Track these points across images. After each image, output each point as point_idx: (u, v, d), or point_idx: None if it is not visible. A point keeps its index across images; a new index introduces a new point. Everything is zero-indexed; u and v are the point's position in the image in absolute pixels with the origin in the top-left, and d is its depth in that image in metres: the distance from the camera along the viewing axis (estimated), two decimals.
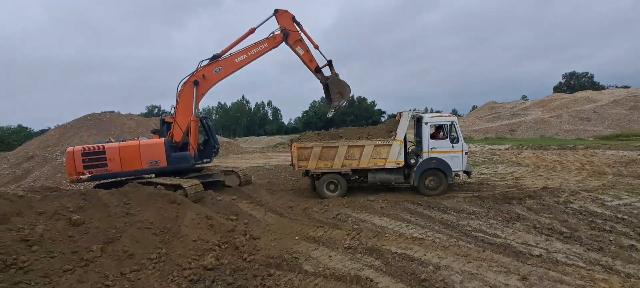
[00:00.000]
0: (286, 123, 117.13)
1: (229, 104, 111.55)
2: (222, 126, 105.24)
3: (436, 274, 5.12)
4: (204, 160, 11.79)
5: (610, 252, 5.74)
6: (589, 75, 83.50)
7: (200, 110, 13.78)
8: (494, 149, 23.92)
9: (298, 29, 11.02)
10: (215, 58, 10.78)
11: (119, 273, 4.93)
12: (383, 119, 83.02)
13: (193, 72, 10.62)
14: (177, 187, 8.80)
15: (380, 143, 10.34)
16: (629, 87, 50.66)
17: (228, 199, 9.43)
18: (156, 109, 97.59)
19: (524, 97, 67.48)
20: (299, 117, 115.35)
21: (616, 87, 58.27)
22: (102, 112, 28.69)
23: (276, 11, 11.01)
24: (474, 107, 67.72)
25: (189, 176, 10.55)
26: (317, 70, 11.16)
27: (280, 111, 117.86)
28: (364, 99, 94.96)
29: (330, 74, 11.22)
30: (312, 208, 9.28)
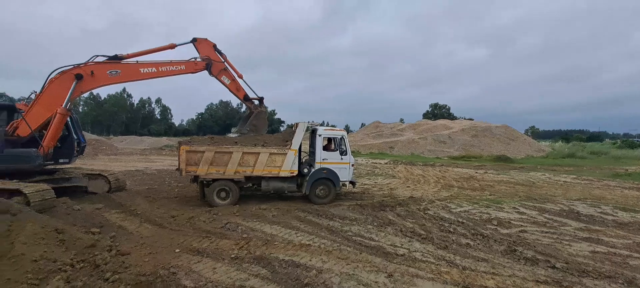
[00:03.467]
0: (177, 124, 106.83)
1: (103, 96, 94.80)
2: (92, 121, 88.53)
3: (318, 277, 5.39)
4: (61, 161, 9.66)
5: (453, 249, 7.14)
6: (447, 107, 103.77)
7: None
8: (376, 163, 27.08)
9: (221, 59, 10.57)
10: (116, 58, 9.32)
11: None
12: (282, 128, 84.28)
13: (79, 64, 8.88)
14: (13, 193, 6.91)
15: (275, 151, 10.43)
16: (472, 119, 65.05)
17: (91, 209, 7.94)
18: None
19: (402, 120, 79.02)
20: (192, 119, 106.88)
21: (464, 118, 74.04)
22: None
23: (195, 40, 10.35)
24: (363, 125, 75.71)
25: (36, 179, 8.45)
26: (247, 99, 11.08)
27: (170, 110, 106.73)
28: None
29: (260, 107, 11.45)
30: (199, 217, 8.62)
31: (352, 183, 11.64)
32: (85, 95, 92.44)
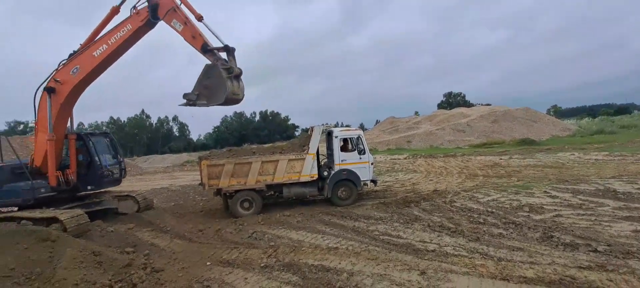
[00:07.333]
0: (195, 139, 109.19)
1: (124, 119, 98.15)
2: None
3: (350, 280, 5.35)
4: (89, 188, 9.85)
5: (485, 240, 6.92)
6: (462, 94, 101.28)
7: (86, 126, 11.62)
8: (395, 159, 26.72)
9: None
10: (72, 55, 8.51)
11: None
12: (297, 134, 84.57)
13: (47, 78, 8.38)
14: (51, 221, 7.22)
15: (294, 157, 10.47)
16: (490, 105, 63.18)
17: (123, 229, 8.20)
18: (21, 126, 78.42)
19: (416, 113, 77.49)
20: (209, 133, 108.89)
21: (482, 104, 72.00)
22: None
23: None
24: (377, 121, 74.70)
25: (69, 205, 8.79)
26: (206, 50, 8.05)
27: (187, 127, 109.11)
28: (278, 114, 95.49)
29: (228, 62, 8.10)
30: (226, 229, 8.76)
31: (374, 181, 11.51)
32: (105, 119, 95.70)
